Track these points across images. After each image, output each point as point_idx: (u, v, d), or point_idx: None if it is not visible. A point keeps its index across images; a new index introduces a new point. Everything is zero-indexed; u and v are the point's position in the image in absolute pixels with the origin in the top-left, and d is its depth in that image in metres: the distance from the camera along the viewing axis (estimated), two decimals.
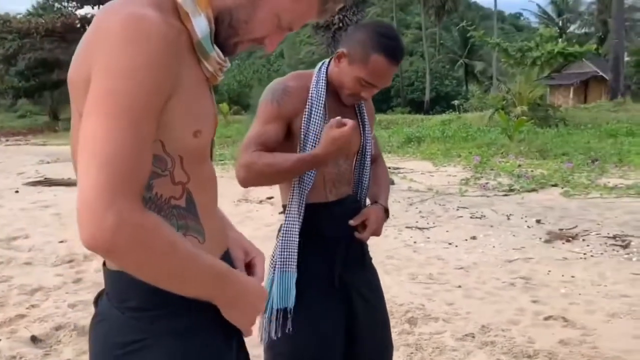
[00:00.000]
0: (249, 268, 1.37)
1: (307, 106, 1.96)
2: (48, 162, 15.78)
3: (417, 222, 7.43)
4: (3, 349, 3.68)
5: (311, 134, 1.95)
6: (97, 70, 0.98)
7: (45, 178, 11.95)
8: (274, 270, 1.97)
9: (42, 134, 30.53)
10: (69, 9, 38.07)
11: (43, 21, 35.20)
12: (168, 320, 1.13)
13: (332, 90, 2.02)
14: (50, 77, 35.78)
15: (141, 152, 0.98)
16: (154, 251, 0.98)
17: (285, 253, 1.95)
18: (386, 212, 2.17)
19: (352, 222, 2.06)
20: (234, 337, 1.29)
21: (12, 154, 19.10)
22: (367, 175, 2.15)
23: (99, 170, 0.93)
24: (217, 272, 1.12)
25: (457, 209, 8.20)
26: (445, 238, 6.57)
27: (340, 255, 2.05)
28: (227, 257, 1.28)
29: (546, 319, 4.16)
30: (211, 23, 1.13)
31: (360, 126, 2.12)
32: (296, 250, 1.96)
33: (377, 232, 2.11)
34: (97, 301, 1.25)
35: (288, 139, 2.00)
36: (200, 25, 1.11)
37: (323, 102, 1.97)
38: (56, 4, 38.88)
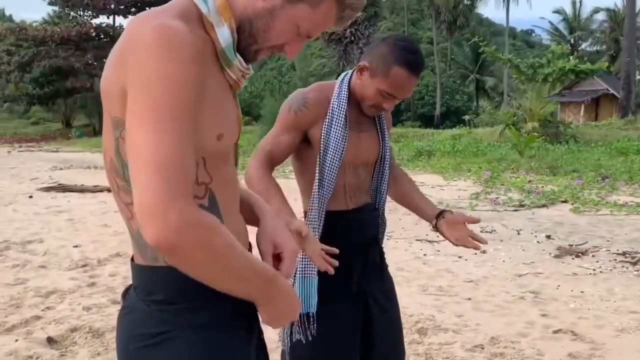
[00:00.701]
0: (277, 261, 1.34)
1: (327, 116, 2.03)
2: (61, 169, 15.93)
3: (427, 234, 7.46)
4: (20, 349, 3.75)
5: (332, 143, 2.01)
6: (134, 80, 1.05)
7: (59, 184, 12.07)
8: (295, 275, 2.02)
9: (55, 141, 30.75)
10: (85, 17, 38.42)
11: (58, 29, 35.59)
12: (191, 314, 1.19)
13: (354, 101, 2.08)
14: (65, 84, 36.06)
15: (188, 155, 1.05)
16: (215, 250, 1.04)
17: (306, 259, 2.00)
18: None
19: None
20: (254, 333, 1.34)
21: (26, 159, 19.28)
22: (385, 184, 2.21)
23: (155, 174, 0.99)
24: (265, 275, 1.18)
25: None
26: (455, 251, 6.59)
27: (359, 263, 2.11)
28: None
29: (555, 332, 4.20)
30: (234, 33, 1.19)
31: (380, 136, 2.19)
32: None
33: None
34: (125, 295, 1.30)
35: (308, 147, 2.08)
36: (224, 35, 1.17)
37: (344, 113, 2.03)
38: (72, 13, 39.22)
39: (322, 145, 2.03)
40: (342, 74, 2.15)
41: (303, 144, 2.09)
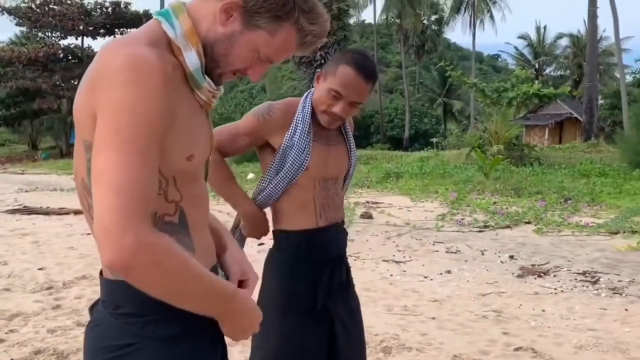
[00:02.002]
0: (241, 286, 1.43)
1: (292, 126, 2.10)
2: (27, 191, 15.72)
3: (394, 255, 7.56)
4: None
5: (293, 152, 2.07)
6: (103, 106, 1.11)
7: (24, 206, 11.90)
8: None
9: (20, 163, 30.33)
10: (53, 39, 38.18)
11: (26, 50, 35.29)
12: (157, 326, 1.23)
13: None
14: (31, 106, 35.67)
15: (150, 177, 1.11)
16: (168, 270, 1.09)
17: None
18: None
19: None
20: (219, 345, 1.39)
21: None
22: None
23: (115, 198, 1.05)
24: (225, 292, 1.24)
25: (433, 244, 8.35)
26: (420, 272, 6.70)
27: (325, 281, 2.15)
28: (214, 272, 1.38)
29: (516, 350, 4.28)
30: (201, 57, 1.24)
31: (348, 150, 2.26)
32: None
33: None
34: (92, 308, 1.34)
35: (267, 152, 2.16)
36: (192, 59, 1.23)
37: (308, 125, 2.10)
38: (39, 34, 38.97)
39: (280, 152, 2.09)
40: (307, 91, 2.22)
41: (268, 149, 2.16)
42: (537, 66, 54.06)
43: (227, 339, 1.39)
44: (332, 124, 2.13)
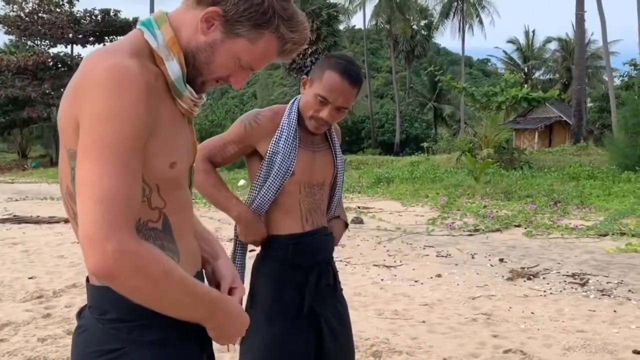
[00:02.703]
0: (229, 294, 1.44)
1: (277, 132, 2.12)
2: (16, 200, 15.66)
3: (384, 260, 7.58)
4: None
5: (279, 159, 2.10)
6: (85, 116, 1.12)
7: (14, 215, 11.86)
8: None
9: (10, 172, 30.17)
10: (42, 47, 38.10)
11: (15, 59, 35.24)
12: (144, 331, 1.24)
13: (304, 123, 2.16)
14: (21, 114, 35.56)
15: (132, 186, 1.13)
16: (151, 277, 1.11)
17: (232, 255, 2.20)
18: (346, 225, 2.43)
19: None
20: (205, 349, 1.41)
21: None
22: (335, 203, 2.33)
23: (97, 207, 1.07)
24: (209, 298, 1.26)
25: (424, 248, 8.39)
26: (411, 276, 6.72)
27: (311, 285, 2.16)
28: (199, 277, 1.40)
29: (505, 352, 4.31)
30: (183, 67, 1.26)
31: (334, 155, 2.28)
32: (241, 255, 2.24)
33: (337, 243, 2.39)
34: (79, 314, 1.34)
35: (255, 160, 2.18)
36: (173, 69, 1.25)
37: (293, 132, 2.12)
38: (29, 42, 38.87)
39: (267, 159, 2.11)
40: (294, 98, 2.24)
41: (255, 157, 2.18)
42: (526, 70, 54.40)
43: (214, 344, 1.41)
44: (319, 129, 2.15)
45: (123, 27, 36.52)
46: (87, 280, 1.31)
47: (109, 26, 37.49)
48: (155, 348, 1.25)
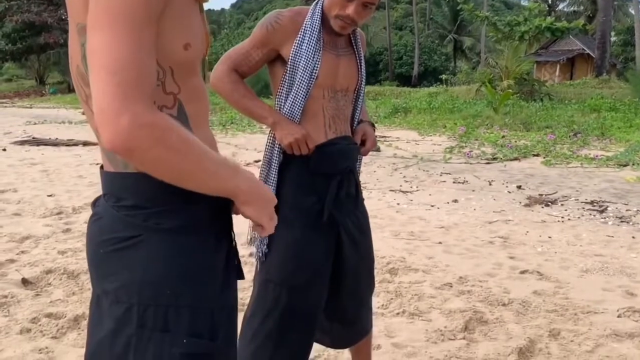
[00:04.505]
0: None
1: (300, 34, 2.03)
2: (35, 123, 15.73)
3: (400, 185, 7.56)
4: None
5: (302, 62, 2.01)
6: None
7: (33, 137, 11.94)
8: None
9: (28, 98, 30.25)
10: None
11: None
12: (160, 218, 1.19)
13: (329, 24, 2.06)
14: (37, 40, 35.34)
15: (146, 57, 1.06)
16: (170, 147, 1.05)
17: (271, 173, 2.11)
18: (372, 126, 2.32)
19: (356, 138, 2.21)
20: (225, 241, 1.37)
21: None
22: (359, 111, 2.25)
23: (109, 78, 1.00)
24: (232, 165, 1.20)
25: (441, 175, 8.35)
26: (427, 201, 6.71)
27: (332, 192, 2.12)
28: None
29: (522, 272, 4.32)
30: None
31: (357, 60, 2.19)
32: (276, 171, 2.11)
33: (375, 143, 2.29)
34: (94, 203, 1.30)
35: (283, 66, 2.07)
36: None
37: (317, 33, 2.03)
38: None
39: (290, 62, 2.03)
40: None
41: (278, 63, 2.10)
42: (549, 1, 52.84)
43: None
44: (345, 29, 2.05)
45: None
46: (101, 167, 1.27)
47: None
48: (173, 235, 1.20)
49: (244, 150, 10.90)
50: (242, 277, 1.40)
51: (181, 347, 1.20)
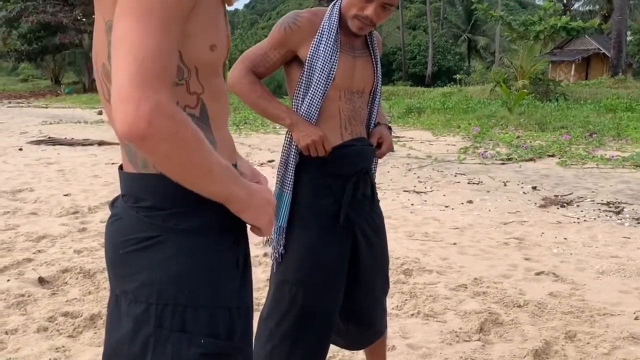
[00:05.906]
0: None
1: (317, 35, 2.03)
2: (51, 123, 15.85)
3: (415, 186, 7.54)
4: (12, 288, 3.81)
5: (319, 63, 2.01)
6: None
7: (49, 137, 12.03)
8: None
9: (44, 98, 30.47)
10: None
11: None
12: (179, 219, 1.19)
13: (346, 25, 2.06)
14: (53, 40, 35.62)
15: (171, 51, 1.06)
16: (184, 143, 1.04)
17: (288, 175, 2.10)
18: (389, 129, 2.31)
19: (372, 140, 2.20)
20: (242, 245, 1.37)
21: (15, 115, 19.16)
22: (375, 113, 2.25)
23: (134, 64, 1.00)
24: (232, 171, 1.20)
25: (455, 175, 8.32)
26: (442, 201, 6.69)
27: (348, 194, 2.12)
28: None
29: (537, 274, 4.29)
30: None
31: (373, 63, 2.19)
32: (293, 172, 2.09)
33: (391, 146, 2.29)
34: (113, 204, 1.31)
35: (299, 68, 2.08)
36: None
37: (334, 34, 2.03)
38: None
39: (307, 63, 2.03)
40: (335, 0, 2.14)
41: (295, 65, 2.10)
42: (564, 1, 52.46)
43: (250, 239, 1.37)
44: (363, 30, 2.05)
45: None
46: (120, 167, 1.28)
47: None
48: (192, 236, 1.21)
49: (257, 150, 10.92)
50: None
51: (199, 347, 1.20)
